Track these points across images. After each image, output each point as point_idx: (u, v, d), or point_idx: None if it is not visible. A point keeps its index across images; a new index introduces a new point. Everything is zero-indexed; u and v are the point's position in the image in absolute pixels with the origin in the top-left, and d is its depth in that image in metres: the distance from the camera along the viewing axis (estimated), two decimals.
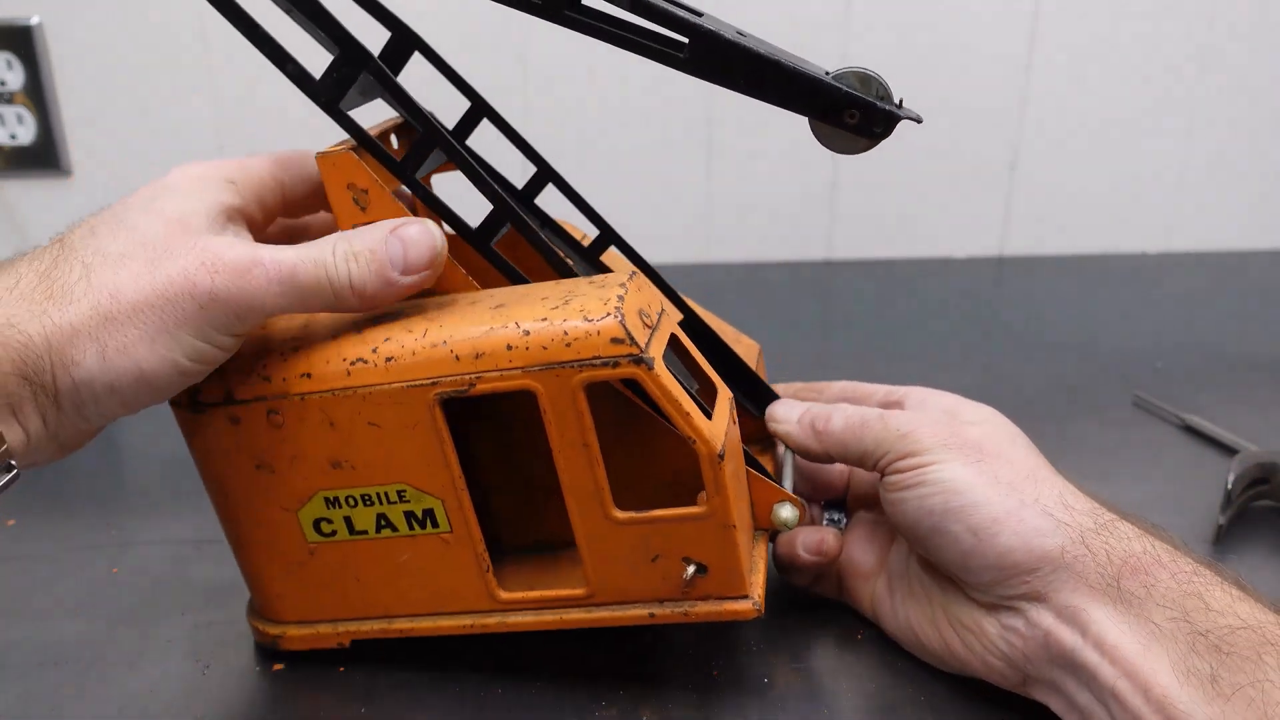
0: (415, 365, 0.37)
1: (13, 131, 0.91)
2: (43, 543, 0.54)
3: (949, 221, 0.99)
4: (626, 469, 0.40)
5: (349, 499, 0.40)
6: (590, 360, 0.36)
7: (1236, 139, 0.97)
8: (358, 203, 0.39)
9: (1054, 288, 0.93)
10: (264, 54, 0.37)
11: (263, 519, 0.41)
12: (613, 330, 0.35)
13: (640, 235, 0.99)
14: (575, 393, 0.36)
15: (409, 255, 0.38)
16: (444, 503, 0.39)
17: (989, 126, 0.96)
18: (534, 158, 0.49)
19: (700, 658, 0.44)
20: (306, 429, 0.38)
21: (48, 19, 0.88)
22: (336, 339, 0.39)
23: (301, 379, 0.38)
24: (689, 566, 0.38)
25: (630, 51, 0.38)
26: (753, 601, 0.39)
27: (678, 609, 0.40)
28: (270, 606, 0.43)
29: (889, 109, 0.38)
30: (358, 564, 0.41)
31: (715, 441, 0.37)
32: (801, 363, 0.76)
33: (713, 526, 0.38)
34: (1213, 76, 0.94)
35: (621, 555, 0.39)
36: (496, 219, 0.41)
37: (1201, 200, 0.99)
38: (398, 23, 0.43)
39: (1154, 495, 0.57)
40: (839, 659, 0.44)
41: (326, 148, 0.40)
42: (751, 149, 0.95)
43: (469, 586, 0.41)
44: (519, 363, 0.36)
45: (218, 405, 0.39)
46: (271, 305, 0.36)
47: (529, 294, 0.39)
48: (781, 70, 0.37)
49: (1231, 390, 0.70)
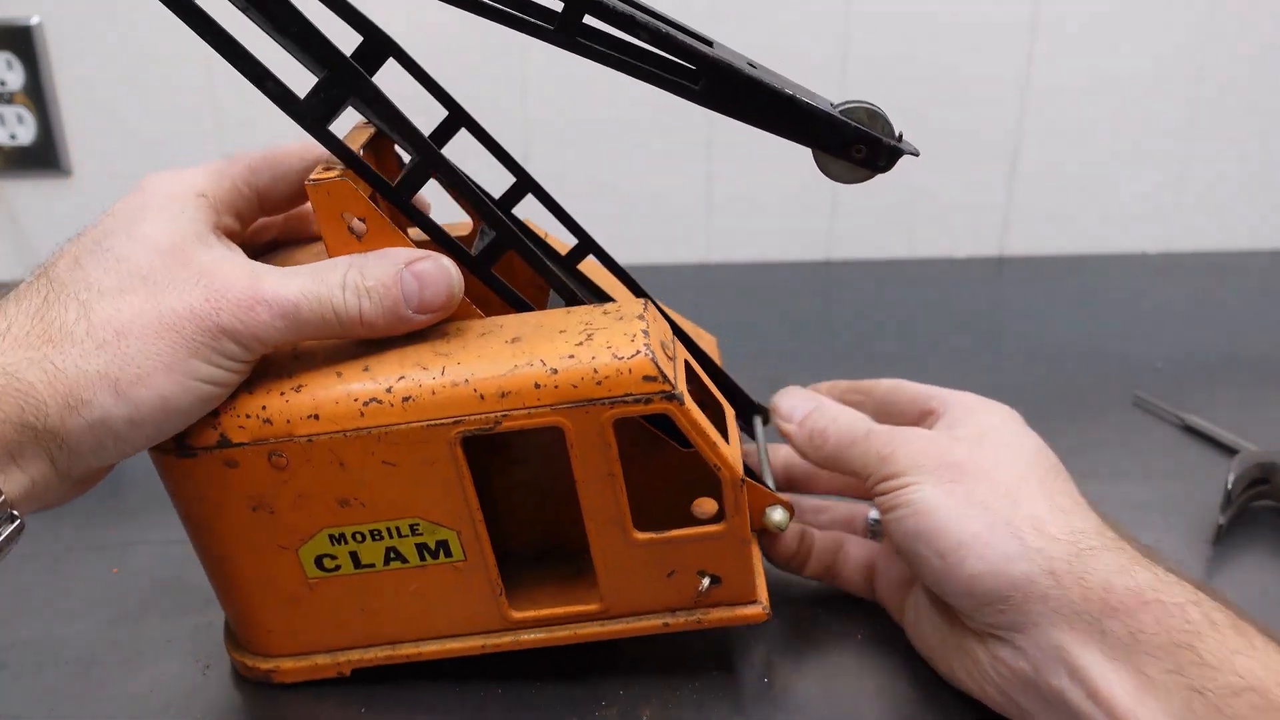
0: (436, 405, 0.36)
1: (13, 131, 0.91)
2: (43, 543, 0.54)
3: (949, 221, 0.99)
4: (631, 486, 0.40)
5: (356, 535, 0.38)
6: (622, 398, 0.36)
7: (1236, 139, 0.97)
8: (353, 231, 0.38)
9: (1054, 288, 0.93)
10: (241, 72, 0.35)
11: (257, 559, 0.39)
12: (645, 368, 0.35)
13: (640, 235, 1.00)
14: (604, 428, 0.36)
15: (424, 295, 0.37)
16: (459, 534, 0.38)
17: (989, 126, 0.96)
18: (513, 167, 0.48)
19: (700, 658, 0.44)
20: (313, 469, 0.37)
21: (48, 19, 0.88)
22: (341, 376, 0.37)
23: (308, 420, 0.36)
24: (704, 579, 0.39)
25: (643, 81, 0.38)
26: (762, 605, 0.40)
27: (690, 617, 0.41)
28: (260, 642, 0.42)
29: (894, 145, 0.39)
30: (362, 596, 0.40)
31: (738, 467, 0.38)
32: (802, 362, 0.76)
33: (730, 543, 0.39)
34: (1213, 76, 0.94)
35: (637, 572, 0.39)
36: (498, 245, 0.39)
37: (1201, 200, 0.99)
38: (370, 26, 0.41)
39: (1154, 495, 0.57)
40: (839, 659, 0.44)
41: (315, 174, 0.37)
42: (751, 149, 0.94)
43: (480, 609, 0.40)
44: (548, 401, 0.36)
45: (210, 450, 0.37)
46: (275, 339, 0.36)
47: (543, 326, 0.38)
48: (796, 107, 0.38)
49: (1231, 390, 0.70)
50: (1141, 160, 0.97)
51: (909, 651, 0.44)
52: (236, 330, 0.35)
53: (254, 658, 0.42)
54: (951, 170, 0.97)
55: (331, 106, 0.36)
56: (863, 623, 0.46)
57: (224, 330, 0.35)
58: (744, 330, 0.84)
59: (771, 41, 0.87)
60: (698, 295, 0.93)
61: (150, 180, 0.38)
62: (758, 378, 0.74)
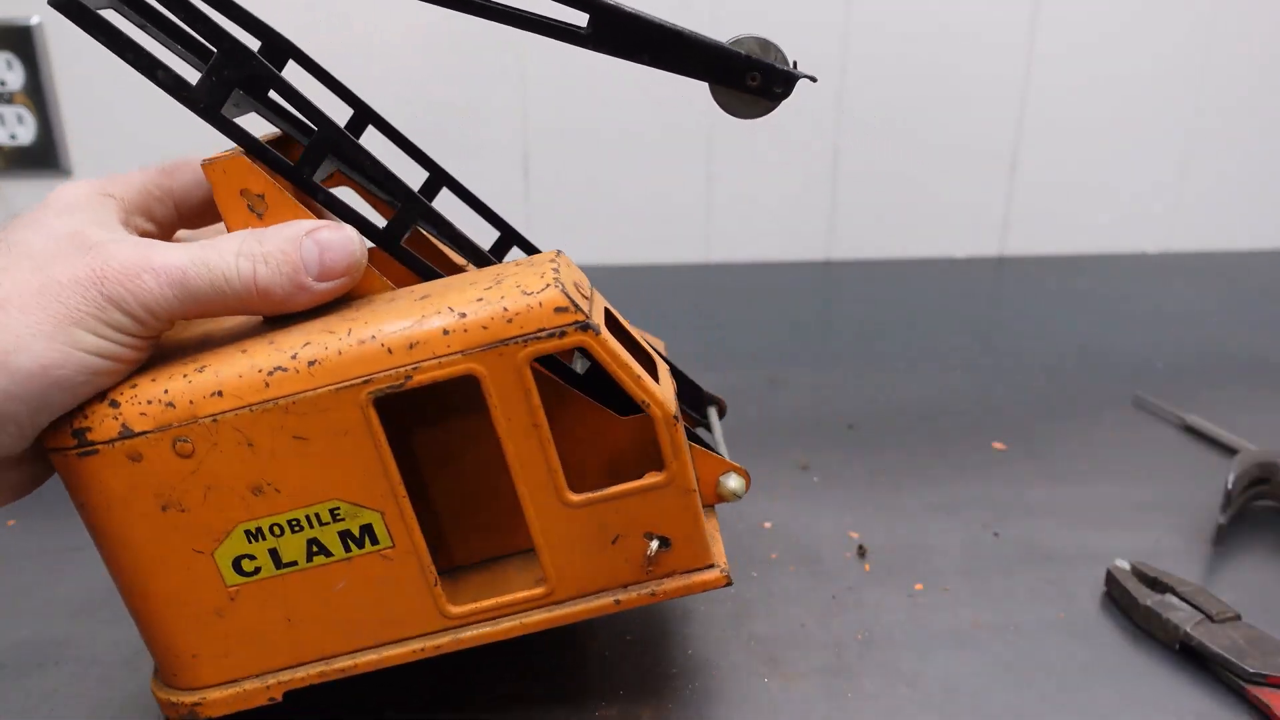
0: (343, 365, 0.34)
1: (13, 131, 0.91)
2: (43, 543, 0.54)
3: (949, 221, 0.99)
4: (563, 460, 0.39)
5: (274, 528, 0.36)
6: (535, 334, 0.34)
7: (1236, 139, 0.97)
8: (253, 209, 0.37)
9: (1054, 288, 0.93)
10: (128, 62, 0.35)
11: (172, 567, 0.37)
12: (556, 300, 0.34)
13: (640, 235, 1.00)
14: (521, 370, 0.34)
15: (325, 259, 0.36)
16: (383, 514, 0.36)
17: (989, 126, 0.96)
18: (426, 163, 0.46)
19: (701, 658, 0.44)
20: (221, 454, 0.35)
21: (48, 19, 0.88)
22: (246, 351, 0.35)
23: (212, 399, 0.34)
24: (652, 541, 0.37)
25: (531, 31, 0.38)
26: (720, 569, 0.38)
27: (644, 591, 0.38)
28: (183, 671, 0.38)
29: (786, 70, 0.39)
30: (287, 601, 0.37)
31: (669, 404, 0.36)
32: (802, 363, 0.76)
33: (673, 494, 0.37)
34: (1213, 76, 0.94)
35: (580, 542, 0.37)
36: (406, 216, 0.39)
37: (1201, 200, 0.99)
38: (267, 30, 0.41)
39: (1154, 495, 0.57)
40: (839, 660, 0.44)
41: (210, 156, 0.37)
42: (751, 149, 0.95)
43: (415, 607, 0.38)
44: (458, 346, 0.34)
45: (112, 442, 0.35)
46: (168, 311, 0.35)
47: (453, 283, 0.37)
48: (683, 39, 0.38)
49: (1231, 390, 0.70)
50: (1141, 160, 0.97)
51: (915, 653, 0.44)
52: (123, 298, 0.34)
53: (178, 693, 0.39)
54: (951, 170, 0.97)
55: (225, 89, 0.36)
56: (862, 624, 0.46)
57: (109, 299, 0.33)
58: (744, 330, 0.84)
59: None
60: (698, 295, 0.93)
61: (56, 190, 0.38)
62: (758, 378, 0.74)
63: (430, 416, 0.41)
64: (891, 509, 0.56)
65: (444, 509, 0.42)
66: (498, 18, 0.38)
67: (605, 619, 0.47)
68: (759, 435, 0.64)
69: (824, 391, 0.71)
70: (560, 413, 0.39)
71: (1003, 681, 0.43)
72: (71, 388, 0.34)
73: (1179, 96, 0.95)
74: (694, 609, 0.47)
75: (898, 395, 0.70)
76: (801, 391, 0.71)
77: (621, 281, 0.95)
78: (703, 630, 0.46)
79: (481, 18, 0.38)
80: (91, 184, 0.38)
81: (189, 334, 0.39)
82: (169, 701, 0.39)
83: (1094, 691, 0.42)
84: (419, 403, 0.38)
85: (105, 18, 0.35)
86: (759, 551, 0.52)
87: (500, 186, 0.95)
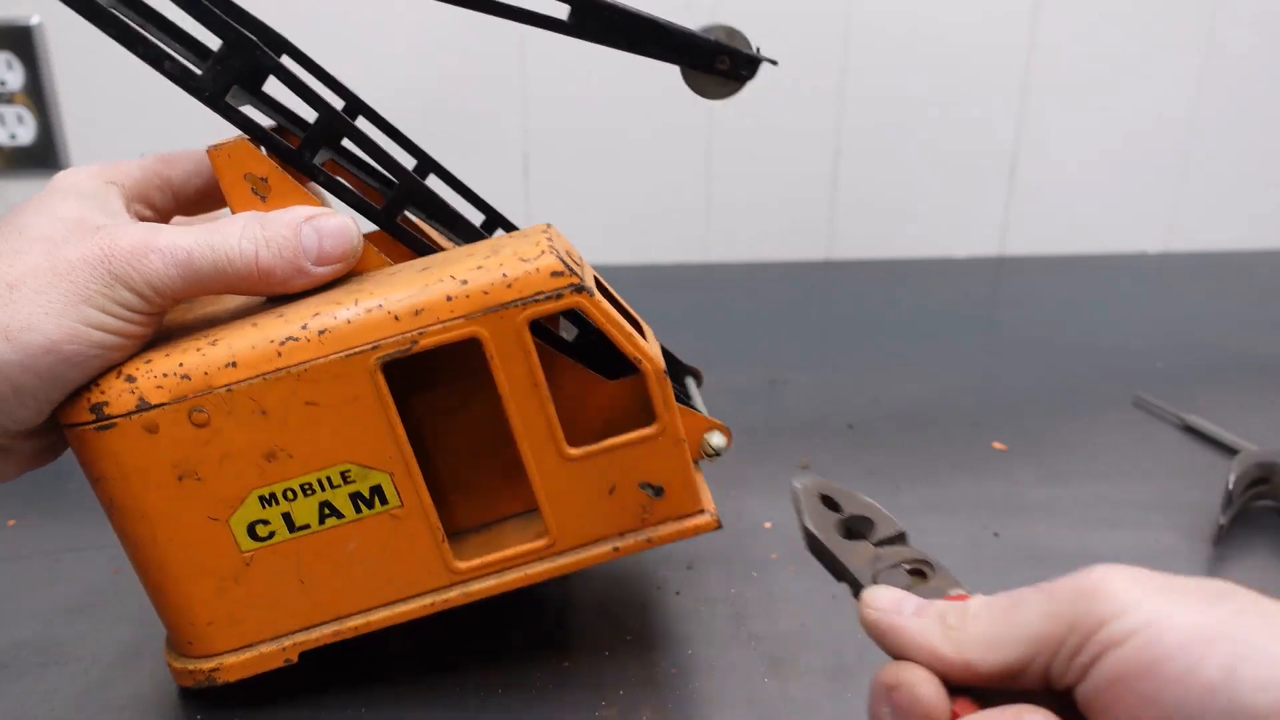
0: (352, 332, 0.36)
1: (13, 131, 0.91)
2: (43, 543, 0.54)
3: (949, 221, 0.99)
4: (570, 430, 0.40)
5: (287, 493, 0.38)
6: (533, 297, 0.36)
7: (1237, 139, 0.97)
8: (257, 193, 0.39)
9: (1054, 288, 0.93)
10: (138, 55, 0.37)
11: (188, 536, 0.38)
12: (552, 265, 0.36)
13: (640, 235, 1.00)
14: (520, 331, 0.37)
15: (324, 245, 0.38)
16: (392, 476, 0.38)
17: (989, 126, 0.96)
18: (413, 150, 0.48)
19: (701, 658, 0.44)
20: (235, 423, 0.37)
21: (48, 19, 0.88)
22: (256, 325, 0.37)
23: (226, 369, 0.36)
24: (647, 491, 0.39)
25: (511, 19, 0.40)
26: (710, 514, 0.41)
27: (640, 538, 0.40)
28: (200, 639, 0.40)
29: (751, 54, 0.43)
30: (301, 564, 0.39)
31: (659, 360, 0.38)
32: (802, 362, 0.76)
33: (665, 444, 0.39)
34: (1213, 76, 0.94)
35: (579, 494, 0.39)
36: (402, 194, 0.41)
37: (1201, 200, 0.99)
38: (261, 26, 0.42)
39: (1154, 495, 0.57)
40: (839, 660, 0.44)
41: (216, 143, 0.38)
42: (751, 149, 0.94)
43: (424, 563, 0.40)
44: (461, 311, 0.36)
45: (130, 415, 0.36)
46: (172, 289, 0.36)
47: (452, 255, 0.39)
48: (658, 26, 0.42)
49: (1231, 390, 0.70)
50: (1141, 160, 0.97)
51: None
52: (129, 277, 0.35)
53: (194, 661, 0.40)
54: (951, 170, 0.97)
55: (230, 78, 0.38)
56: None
57: (117, 277, 0.35)
58: (744, 330, 0.84)
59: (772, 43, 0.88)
60: (698, 295, 0.93)
61: (60, 175, 0.39)
62: (758, 378, 0.74)
63: (429, 385, 0.42)
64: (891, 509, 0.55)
65: (444, 475, 0.43)
66: (483, 8, 0.40)
67: (605, 620, 0.47)
68: (759, 435, 0.64)
69: (824, 391, 0.71)
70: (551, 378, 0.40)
71: None
72: (82, 363, 0.35)
73: (1179, 96, 0.95)
74: (694, 609, 0.47)
75: (898, 395, 0.70)
76: (801, 391, 0.71)
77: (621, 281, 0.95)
78: (703, 630, 0.46)
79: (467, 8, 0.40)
80: (94, 170, 0.39)
81: (192, 315, 0.41)
82: (185, 670, 0.40)
83: None
84: (418, 373, 0.40)
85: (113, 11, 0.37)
86: (759, 551, 0.52)
87: (500, 186, 0.95)
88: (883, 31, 0.91)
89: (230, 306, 0.41)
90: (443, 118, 0.90)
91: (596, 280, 0.40)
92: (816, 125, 0.94)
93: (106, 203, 0.38)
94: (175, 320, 0.41)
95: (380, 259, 0.41)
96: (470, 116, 0.92)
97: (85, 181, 0.39)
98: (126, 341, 0.36)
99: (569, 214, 0.97)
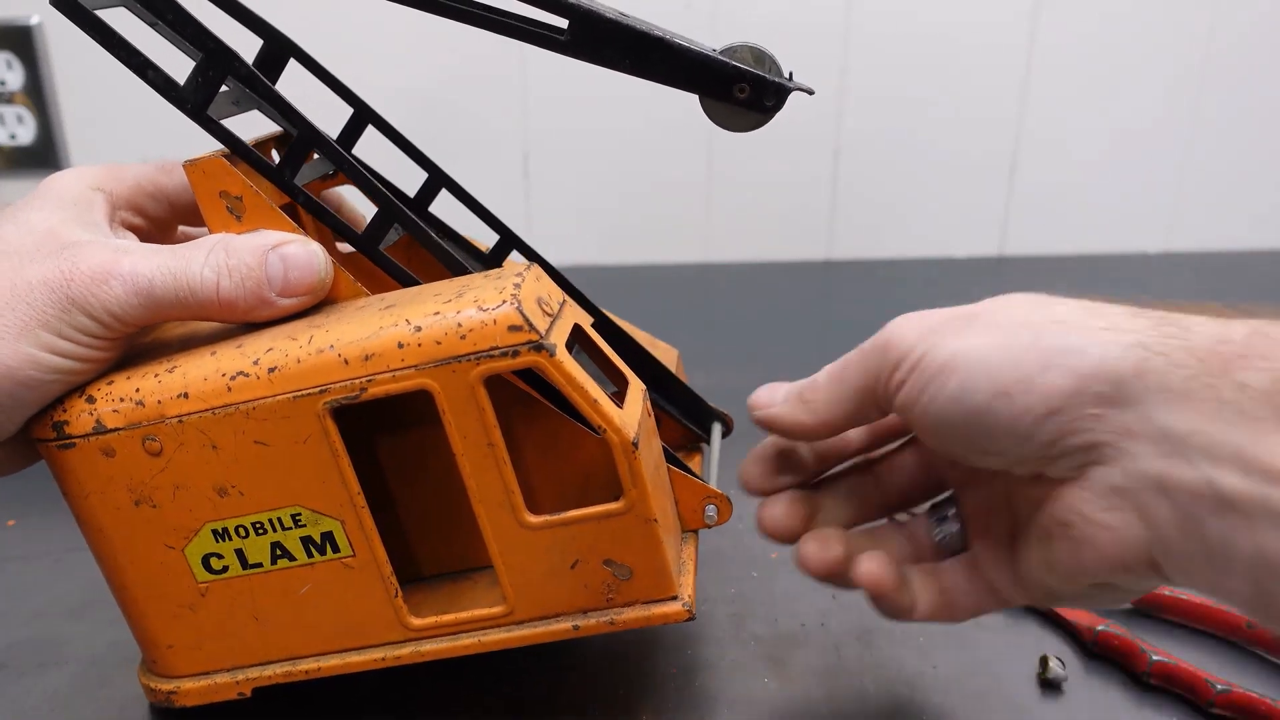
0: (301, 374, 0.34)
1: (13, 131, 0.91)
2: (43, 543, 0.54)
3: (949, 221, 0.99)
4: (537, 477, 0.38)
5: (239, 529, 0.37)
6: (488, 351, 0.33)
7: (1236, 139, 0.97)
8: (232, 211, 0.37)
9: (1054, 288, 0.93)
10: (121, 60, 0.36)
11: (147, 560, 0.37)
12: (510, 318, 0.33)
13: (640, 235, 1.00)
14: (474, 388, 0.34)
15: (289, 277, 0.36)
16: (343, 524, 0.36)
17: (989, 126, 0.96)
18: (425, 163, 0.46)
19: (701, 658, 0.44)
20: (187, 455, 0.35)
21: (48, 19, 0.88)
22: (215, 354, 0.36)
23: (178, 400, 0.35)
24: (613, 570, 0.36)
25: (511, 37, 0.37)
26: (682, 602, 0.36)
27: (603, 619, 0.37)
28: (160, 659, 0.40)
29: (779, 81, 0.37)
30: (255, 601, 0.38)
31: (627, 430, 0.34)
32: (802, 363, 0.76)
33: (633, 522, 0.35)
34: (1213, 76, 0.94)
35: (539, 564, 0.36)
36: (383, 220, 0.39)
37: (1201, 200, 0.99)
38: (270, 29, 0.42)
39: None
40: (839, 660, 0.44)
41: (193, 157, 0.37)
42: (751, 149, 0.95)
43: (377, 616, 0.38)
44: (412, 361, 0.34)
45: (87, 437, 0.35)
46: (133, 317, 0.35)
47: (421, 292, 0.37)
48: (666, 47, 0.36)
49: None
50: (1141, 160, 0.97)
51: (915, 653, 0.44)
52: (88, 303, 0.34)
53: (156, 679, 0.40)
54: (951, 170, 0.97)
55: (210, 90, 0.37)
56: (863, 623, 0.46)
57: (74, 302, 0.34)
58: (744, 330, 0.84)
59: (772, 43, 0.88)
60: (698, 295, 0.93)
61: (48, 179, 0.39)
62: (758, 378, 0.74)
63: (398, 425, 0.41)
64: None
65: (414, 519, 0.42)
66: (475, 22, 0.37)
67: None
68: (759, 435, 0.64)
69: None
70: (537, 426, 0.39)
71: (1003, 680, 0.43)
72: (38, 387, 0.35)
73: (1179, 97, 0.95)
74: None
75: None
76: None
77: (621, 281, 0.95)
78: (703, 630, 0.46)
79: (459, 21, 0.38)
80: (83, 176, 0.39)
81: (173, 333, 0.40)
82: (149, 687, 0.40)
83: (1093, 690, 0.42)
84: (386, 411, 0.38)
85: (101, 17, 0.36)
86: (759, 551, 0.52)
87: (500, 186, 0.95)
88: (882, 31, 0.91)
89: (209, 327, 0.40)
90: (443, 118, 0.90)
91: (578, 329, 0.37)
92: (816, 125, 0.94)
93: (87, 212, 0.37)
94: (157, 336, 0.40)
95: (355, 288, 0.39)
96: (470, 117, 0.92)
97: (70, 187, 0.38)
98: (85, 366, 0.35)
99: (569, 214, 0.97)
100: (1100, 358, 0.29)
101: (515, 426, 0.39)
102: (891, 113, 0.94)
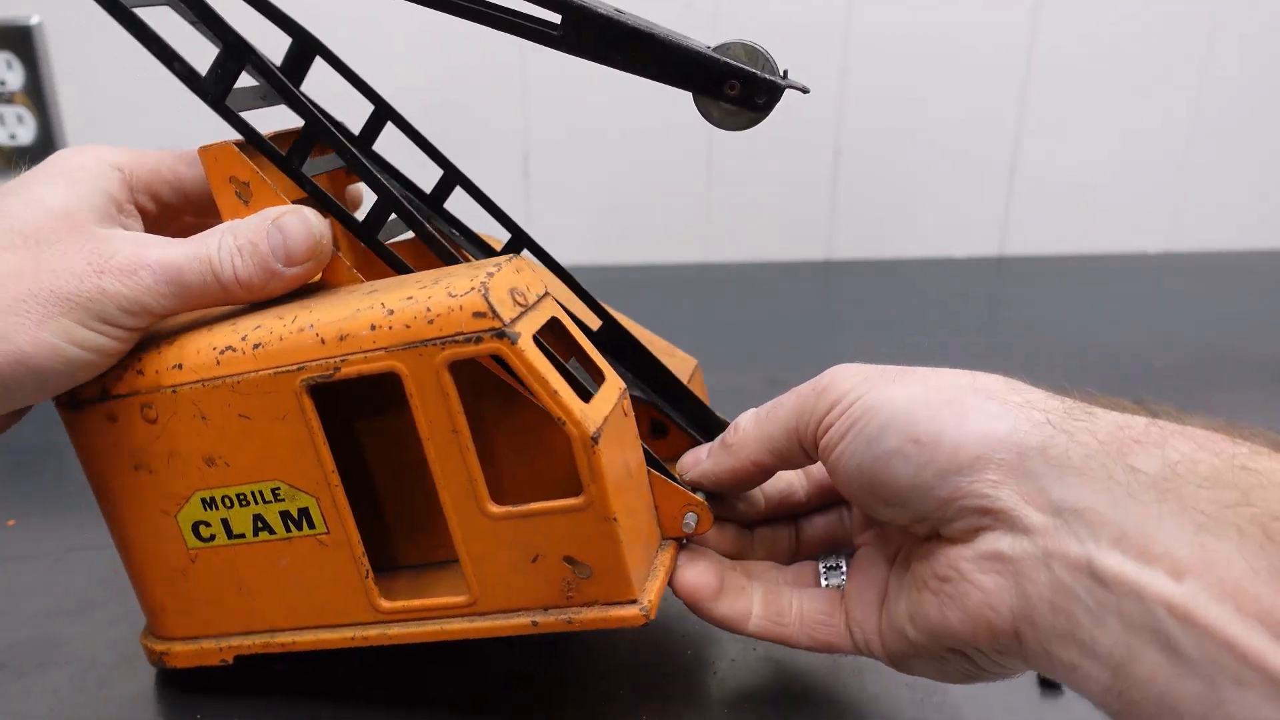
0: (282, 351, 0.36)
1: (13, 131, 0.91)
2: (43, 543, 0.54)
3: (949, 221, 0.99)
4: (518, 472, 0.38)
5: (225, 499, 0.38)
6: (453, 337, 0.33)
7: (1236, 139, 0.97)
8: (240, 196, 0.39)
9: (1054, 288, 0.93)
10: (152, 52, 0.37)
11: (144, 524, 0.39)
12: (475, 304, 0.33)
13: (640, 235, 1.00)
14: (439, 372, 0.34)
15: (288, 244, 0.37)
16: (318, 500, 0.37)
17: (989, 126, 0.96)
18: (440, 160, 0.47)
19: (701, 658, 0.44)
20: (179, 424, 0.37)
21: (48, 19, 0.88)
22: (211, 329, 0.37)
23: (173, 370, 0.37)
24: (572, 567, 0.36)
25: (502, 31, 0.38)
26: (640, 607, 0.36)
27: (561, 616, 0.37)
28: (156, 621, 0.41)
29: (770, 79, 0.36)
30: (238, 571, 0.39)
31: (588, 423, 0.34)
32: (802, 362, 0.76)
33: (591, 520, 0.35)
34: (1213, 76, 0.94)
35: (501, 556, 0.36)
36: (382, 209, 0.40)
37: (1201, 200, 0.99)
38: (297, 28, 0.42)
39: None
40: (839, 660, 0.44)
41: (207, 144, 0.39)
42: (751, 149, 0.95)
43: (349, 596, 0.39)
44: (382, 343, 0.34)
45: (94, 402, 0.37)
46: (162, 306, 0.36)
47: (405, 279, 0.38)
48: (656, 43, 0.37)
49: (1232, 391, 0.70)
50: (1141, 160, 0.97)
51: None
52: (119, 294, 0.35)
53: (152, 640, 0.42)
54: (951, 170, 0.97)
55: (228, 81, 0.38)
56: None
57: (105, 293, 0.34)
58: (744, 330, 0.84)
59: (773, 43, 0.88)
60: (698, 295, 0.93)
61: (63, 150, 0.39)
62: (758, 378, 0.74)
63: (379, 413, 0.41)
64: None
65: (397, 507, 0.42)
66: (467, 15, 0.38)
67: None
68: None
69: None
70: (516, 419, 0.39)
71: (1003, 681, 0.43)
72: (57, 378, 0.35)
73: (1179, 97, 0.95)
74: None
75: None
76: None
77: (622, 282, 0.95)
78: (703, 630, 0.46)
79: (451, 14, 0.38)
80: (98, 153, 0.39)
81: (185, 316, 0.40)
82: (147, 647, 0.42)
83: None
84: (370, 398, 0.39)
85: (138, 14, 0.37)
86: None
87: (500, 186, 0.95)
88: (883, 32, 0.91)
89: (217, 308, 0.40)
90: (443, 118, 0.90)
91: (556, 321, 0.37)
92: (816, 125, 0.94)
93: (101, 191, 0.37)
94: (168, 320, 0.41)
95: (351, 274, 0.40)
96: (470, 116, 0.92)
97: (87, 163, 0.38)
98: (101, 360, 0.36)
99: (569, 214, 0.97)
100: (1011, 428, 0.30)
101: (493, 419, 0.40)
102: (891, 113, 0.94)
